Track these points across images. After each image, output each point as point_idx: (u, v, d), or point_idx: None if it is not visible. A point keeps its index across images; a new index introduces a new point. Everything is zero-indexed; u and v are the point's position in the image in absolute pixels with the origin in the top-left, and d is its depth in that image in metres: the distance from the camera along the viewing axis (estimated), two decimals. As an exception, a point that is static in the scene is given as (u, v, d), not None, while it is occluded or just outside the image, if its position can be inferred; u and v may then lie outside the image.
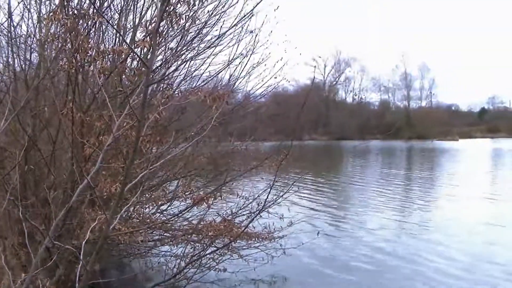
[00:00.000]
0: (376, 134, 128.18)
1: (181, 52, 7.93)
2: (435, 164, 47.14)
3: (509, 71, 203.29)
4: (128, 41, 7.60)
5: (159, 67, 7.36)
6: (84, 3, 6.29)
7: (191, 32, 7.90)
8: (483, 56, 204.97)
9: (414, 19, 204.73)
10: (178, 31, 7.22)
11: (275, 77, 9.54)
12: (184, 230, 8.95)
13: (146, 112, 4.00)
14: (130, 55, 6.39)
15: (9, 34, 7.05)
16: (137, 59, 6.53)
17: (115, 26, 7.69)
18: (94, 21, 6.13)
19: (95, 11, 5.52)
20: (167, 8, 4.07)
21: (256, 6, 7.83)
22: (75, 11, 5.33)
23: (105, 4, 7.52)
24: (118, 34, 7.59)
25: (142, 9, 8.07)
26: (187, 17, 5.75)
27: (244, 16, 8.20)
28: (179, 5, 5.02)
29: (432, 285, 10.07)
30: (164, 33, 6.51)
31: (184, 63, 8.69)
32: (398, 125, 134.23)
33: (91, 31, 6.98)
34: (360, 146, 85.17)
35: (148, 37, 5.38)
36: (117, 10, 7.95)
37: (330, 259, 11.87)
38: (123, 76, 6.51)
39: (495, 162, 47.47)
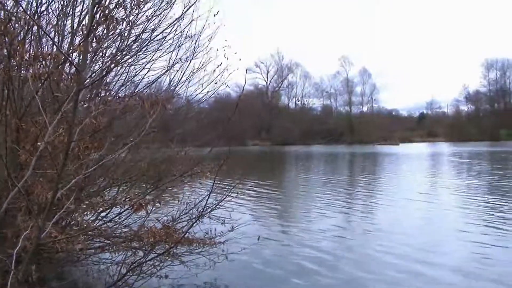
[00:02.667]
0: (318, 139, 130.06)
1: (120, 57, 7.87)
2: (374, 168, 48.19)
3: (446, 76, 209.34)
4: (67, 45, 7.51)
5: (96, 72, 7.29)
6: (17, 7, 6.16)
7: (131, 37, 7.85)
8: (421, 62, 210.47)
9: (356, 24, 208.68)
10: (116, 36, 7.18)
11: (215, 83, 9.58)
12: (124, 237, 8.85)
13: (79, 117, 3.96)
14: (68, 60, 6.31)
15: None
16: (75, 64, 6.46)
17: (53, 30, 7.59)
18: (29, 26, 6.03)
19: (28, 16, 5.41)
20: (103, 12, 4.04)
21: (188, 8, 7.84)
22: (9, 15, 5.24)
23: (43, 8, 7.43)
24: (55, 39, 7.49)
25: (80, 14, 7.97)
26: (125, 22, 5.71)
27: (178, 18, 8.19)
28: (116, 10, 5.00)
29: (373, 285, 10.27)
30: (103, 37, 6.46)
31: (124, 68, 8.65)
32: (340, 130, 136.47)
33: (28, 35, 6.87)
34: (300, 150, 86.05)
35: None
36: (55, 14, 7.85)
37: (271, 263, 11.92)
38: (61, 82, 6.43)
39: (432, 166, 48.75)
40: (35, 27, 6.81)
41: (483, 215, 17.78)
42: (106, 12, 4.29)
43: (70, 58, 5.07)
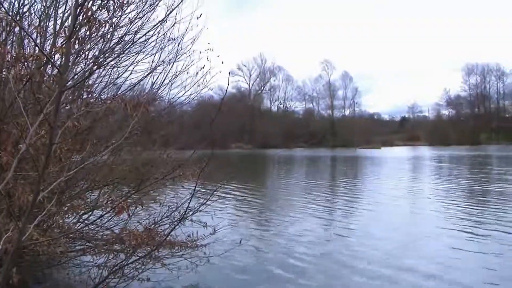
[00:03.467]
0: (300, 142, 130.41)
1: (103, 60, 7.84)
2: (355, 172, 48.52)
3: (427, 80, 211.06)
4: (49, 47, 7.47)
5: (78, 74, 7.25)
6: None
7: (113, 39, 7.82)
8: (403, 66, 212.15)
9: (338, 28, 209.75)
10: (99, 38, 7.15)
11: (198, 85, 9.57)
12: (106, 240, 8.80)
13: (61, 119, 3.94)
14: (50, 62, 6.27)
15: None
16: (57, 65, 6.42)
17: (35, 32, 7.55)
18: (11, 27, 6.00)
19: (10, 17, 5.39)
20: (85, 14, 4.03)
21: (172, 11, 7.84)
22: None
23: (25, 9, 7.40)
24: (37, 40, 7.44)
25: (63, 16, 7.94)
26: (108, 24, 5.69)
27: (162, 21, 8.18)
28: (99, 12, 4.98)
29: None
30: (86, 39, 6.43)
31: (106, 71, 8.61)
32: (322, 133, 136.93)
33: (10, 37, 6.83)
34: (280, 154, 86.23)
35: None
36: (37, 15, 7.81)
37: (253, 267, 11.94)
38: (43, 83, 6.40)
39: (412, 170, 49.22)
40: (17, 28, 6.78)
41: (457, 219, 17.97)
42: (89, 14, 4.28)
43: (52, 60, 5.04)
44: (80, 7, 3.70)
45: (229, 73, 5.80)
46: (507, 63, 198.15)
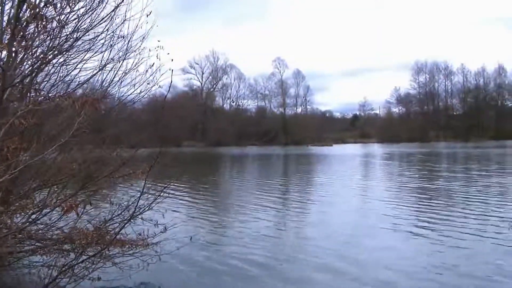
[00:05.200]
0: (253, 140, 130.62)
1: (52, 57, 7.73)
2: (305, 169, 49.11)
3: (378, 78, 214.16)
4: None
5: (26, 71, 7.15)
6: None
7: (62, 36, 7.72)
8: (354, 64, 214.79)
9: (290, 25, 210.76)
10: (46, 35, 7.05)
11: (148, 83, 9.49)
12: (56, 239, 8.70)
13: (6, 117, 3.89)
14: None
15: None
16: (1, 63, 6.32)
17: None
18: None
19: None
20: (32, 10, 3.99)
21: (120, 3, 7.80)
22: None
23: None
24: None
25: (10, 12, 7.80)
26: (55, 20, 5.64)
27: (110, 13, 8.11)
28: (46, 8, 4.94)
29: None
30: (33, 36, 6.34)
31: (55, 68, 8.49)
32: (274, 131, 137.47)
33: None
34: (234, 152, 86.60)
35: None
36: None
37: (204, 263, 12.04)
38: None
39: (360, 168, 50.51)
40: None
41: (400, 216, 18.64)
42: (37, 10, 4.24)
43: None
44: (23, 2, 3.67)
45: (172, 70, 5.84)
46: (455, 61, 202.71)
